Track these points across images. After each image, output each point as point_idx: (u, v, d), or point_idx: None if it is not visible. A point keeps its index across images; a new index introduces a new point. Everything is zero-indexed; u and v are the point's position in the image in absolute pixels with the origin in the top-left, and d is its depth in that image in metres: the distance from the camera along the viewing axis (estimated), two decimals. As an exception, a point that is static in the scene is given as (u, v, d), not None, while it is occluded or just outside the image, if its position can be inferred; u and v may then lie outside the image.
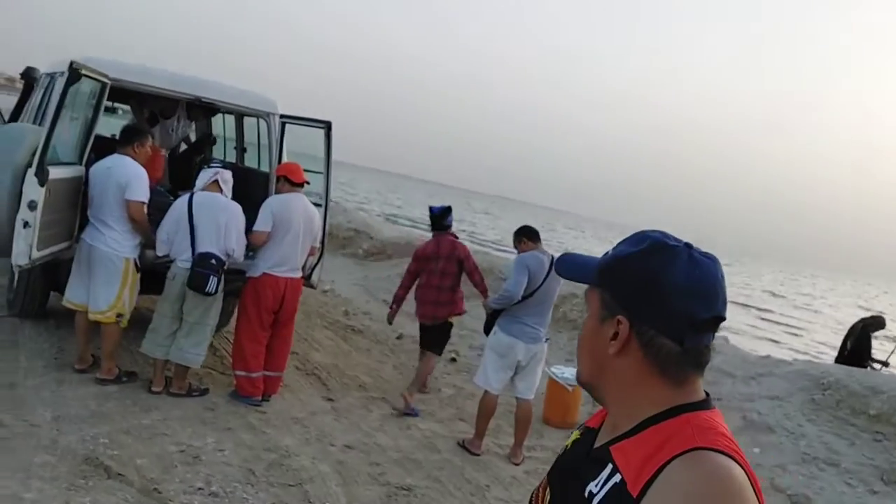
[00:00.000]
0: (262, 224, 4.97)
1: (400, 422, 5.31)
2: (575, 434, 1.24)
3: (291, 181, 5.06)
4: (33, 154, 4.20)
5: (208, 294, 4.56)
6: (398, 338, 7.73)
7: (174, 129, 6.06)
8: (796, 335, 21.23)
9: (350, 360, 6.65)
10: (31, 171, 4.08)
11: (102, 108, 4.85)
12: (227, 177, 4.89)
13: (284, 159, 5.66)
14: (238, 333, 5.08)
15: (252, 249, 5.01)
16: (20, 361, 4.86)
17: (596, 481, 1.04)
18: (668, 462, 0.96)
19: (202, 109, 6.11)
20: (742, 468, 0.96)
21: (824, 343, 18.87)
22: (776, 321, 23.96)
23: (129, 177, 4.55)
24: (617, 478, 1.01)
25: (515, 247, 5.06)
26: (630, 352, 1.06)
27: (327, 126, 5.34)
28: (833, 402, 5.90)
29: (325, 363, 6.36)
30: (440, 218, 5.88)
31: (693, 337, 1.03)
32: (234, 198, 5.44)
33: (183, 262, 4.69)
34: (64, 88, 4.18)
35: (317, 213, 5.32)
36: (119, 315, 4.63)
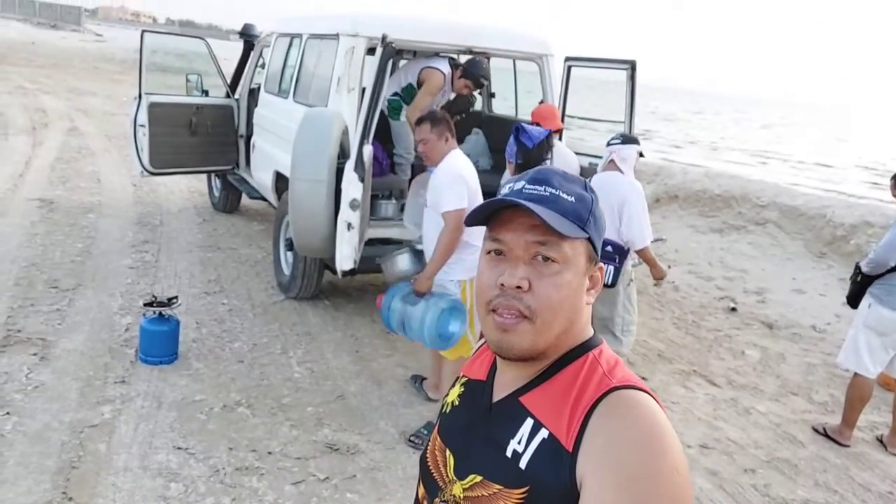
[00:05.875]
0: None
1: (733, 403, 4.64)
2: (457, 388, 1.17)
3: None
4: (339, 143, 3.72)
5: (605, 286, 3.93)
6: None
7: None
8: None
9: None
10: (350, 167, 3.60)
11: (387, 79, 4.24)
12: (625, 154, 4.01)
13: (567, 106, 4.90)
14: None
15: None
16: (327, 358, 4.58)
17: (517, 438, 0.99)
18: (593, 408, 0.94)
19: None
20: (651, 396, 0.97)
21: None
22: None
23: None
24: (544, 433, 0.97)
25: (894, 195, 4.09)
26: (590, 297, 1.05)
27: (631, 66, 4.47)
28: None
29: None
30: (540, 151, 3.71)
31: None
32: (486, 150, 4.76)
33: None
34: (380, 67, 3.58)
35: (576, 162, 4.62)
36: None
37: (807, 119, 76.13)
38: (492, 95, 6.28)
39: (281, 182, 5.64)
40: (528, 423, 1.00)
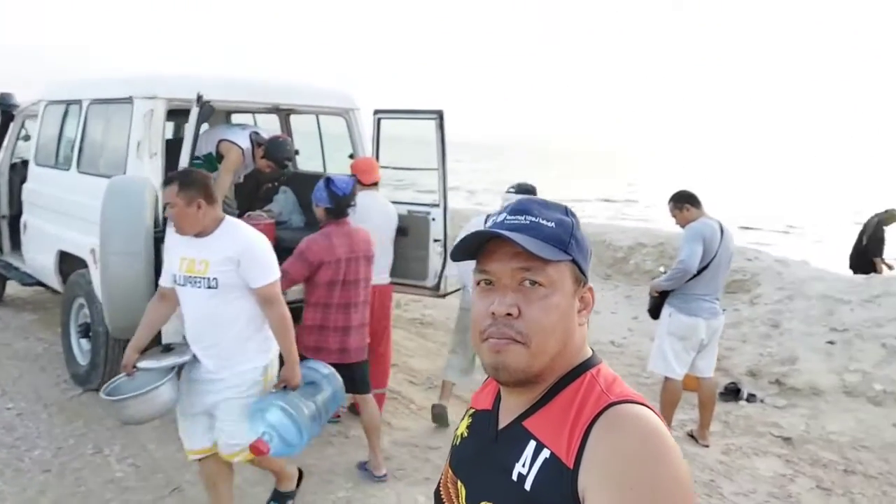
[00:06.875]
0: None
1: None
2: (466, 420, 1.21)
3: (361, 182, 4.45)
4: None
5: None
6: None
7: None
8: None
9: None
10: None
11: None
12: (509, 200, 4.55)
13: (380, 159, 4.98)
14: None
15: None
16: (150, 450, 4.13)
17: (521, 461, 1.01)
18: (591, 425, 0.96)
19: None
20: (650, 410, 0.99)
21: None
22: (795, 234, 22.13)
23: None
24: (546, 453, 0.99)
25: (673, 215, 4.65)
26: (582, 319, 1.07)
27: (438, 116, 4.66)
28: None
29: (431, 369, 5.83)
30: (349, 199, 3.74)
31: None
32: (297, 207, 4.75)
33: None
34: (197, 125, 3.37)
35: (394, 210, 4.72)
36: None
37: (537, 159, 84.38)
38: (296, 152, 6.20)
39: (66, 262, 5.05)
40: (531, 445, 1.02)
